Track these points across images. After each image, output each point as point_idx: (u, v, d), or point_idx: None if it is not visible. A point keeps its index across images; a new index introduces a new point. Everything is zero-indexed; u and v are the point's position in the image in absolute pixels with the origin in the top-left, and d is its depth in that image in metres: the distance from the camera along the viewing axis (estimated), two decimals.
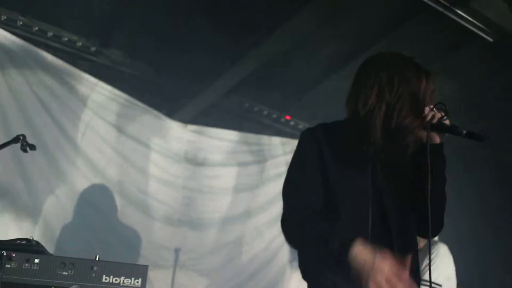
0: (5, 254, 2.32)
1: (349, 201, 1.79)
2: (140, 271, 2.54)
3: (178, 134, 4.98)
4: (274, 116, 5.64)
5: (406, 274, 1.59)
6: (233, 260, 4.97)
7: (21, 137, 3.03)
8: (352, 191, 1.80)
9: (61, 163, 4.24)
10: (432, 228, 1.81)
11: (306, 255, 1.90)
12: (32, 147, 3.07)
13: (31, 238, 2.56)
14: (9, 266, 2.34)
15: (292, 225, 1.84)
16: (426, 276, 1.99)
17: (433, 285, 3.35)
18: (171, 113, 4.99)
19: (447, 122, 1.78)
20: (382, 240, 1.73)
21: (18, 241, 2.52)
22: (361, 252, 1.62)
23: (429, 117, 1.78)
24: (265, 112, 5.59)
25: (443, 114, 1.78)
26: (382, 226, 1.77)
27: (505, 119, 4.77)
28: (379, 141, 1.75)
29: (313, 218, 1.78)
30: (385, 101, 1.76)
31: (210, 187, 5.04)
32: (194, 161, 5.02)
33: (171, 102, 5.03)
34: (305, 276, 1.90)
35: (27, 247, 2.49)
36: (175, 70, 4.67)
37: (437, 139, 1.81)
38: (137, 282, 2.50)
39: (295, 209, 1.85)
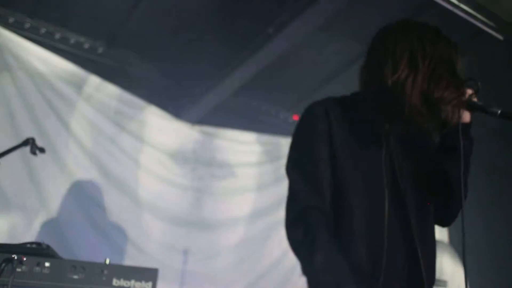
0: (16, 258, 2.34)
1: (362, 182, 1.62)
2: (151, 275, 2.55)
3: (186, 135, 4.98)
4: (282, 115, 5.63)
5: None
6: (243, 261, 4.96)
7: (31, 140, 3.05)
8: (365, 171, 1.63)
9: (69, 165, 4.25)
10: (448, 217, 1.74)
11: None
12: (42, 150, 3.09)
13: (42, 242, 2.57)
14: (20, 270, 2.35)
15: (297, 239, 1.59)
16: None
17: (438, 282, 3.35)
18: (179, 114, 4.99)
19: (475, 100, 1.60)
20: (398, 229, 1.60)
21: (29, 245, 2.52)
22: None
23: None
24: (273, 112, 5.58)
25: (472, 91, 1.59)
26: (398, 216, 1.60)
27: None
28: (418, 114, 1.53)
29: (319, 237, 1.54)
30: (419, 70, 1.54)
31: (219, 187, 5.04)
32: (202, 162, 5.02)
33: (178, 103, 5.03)
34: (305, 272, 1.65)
35: (37, 250, 2.49)
36: (181, 70, 4.67)
37: (467, 118, 1.60)
38: (148, 285, 2.51)
39: (299, 211, 1.62)
